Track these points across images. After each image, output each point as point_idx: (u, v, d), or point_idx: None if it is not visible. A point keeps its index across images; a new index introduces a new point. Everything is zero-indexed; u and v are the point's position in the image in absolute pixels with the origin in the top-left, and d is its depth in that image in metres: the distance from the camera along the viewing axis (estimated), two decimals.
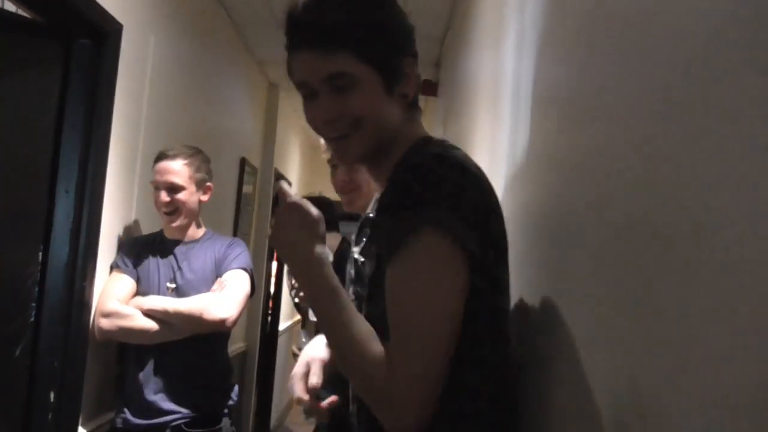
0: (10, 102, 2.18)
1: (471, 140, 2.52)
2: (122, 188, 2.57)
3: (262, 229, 5.24)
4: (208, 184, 2.32)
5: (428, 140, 1.04)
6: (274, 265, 5.99)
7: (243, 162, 4.59)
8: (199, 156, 2.31)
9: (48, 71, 2.25)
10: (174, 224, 2.28)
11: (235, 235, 4.36)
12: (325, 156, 1.85)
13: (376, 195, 1.14)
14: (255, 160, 5.09)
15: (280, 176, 5.78)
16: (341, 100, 0.97)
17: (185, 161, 2.24)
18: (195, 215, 2.32)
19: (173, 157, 2.23)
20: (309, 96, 1.01)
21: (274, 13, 3.78)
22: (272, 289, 6.06)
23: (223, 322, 2.14)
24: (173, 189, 2.22)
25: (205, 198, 2.32)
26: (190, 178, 2.24)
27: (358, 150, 1.01)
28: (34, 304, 2.15)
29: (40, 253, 2.19)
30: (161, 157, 2.25)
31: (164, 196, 2.22)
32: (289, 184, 6.40)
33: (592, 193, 0.86)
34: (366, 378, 0.88)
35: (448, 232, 0.88)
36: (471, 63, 2.73)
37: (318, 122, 1.01)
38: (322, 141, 1.21)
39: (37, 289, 2.16)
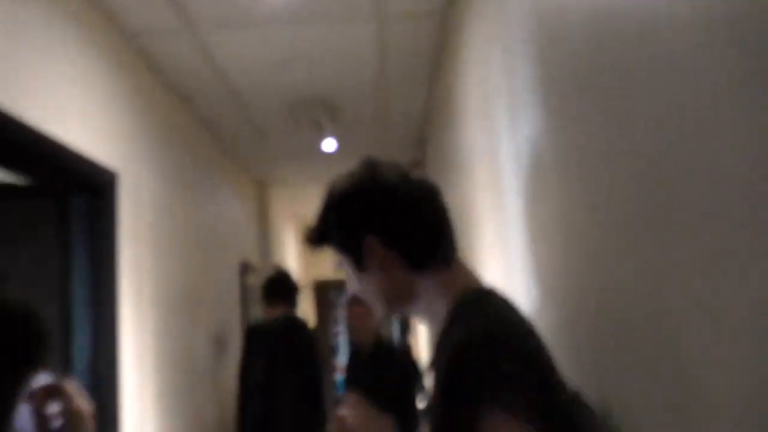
0: (15, 269, 2.18)
1: (471, 211, 2.53)
2: (135, 326, 2.56)
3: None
4: None
5: (472, 299, 1.04)
6: None
7: (243, 265, 4.63)
8: None
9: (47, 231, 2.26)
10: None
11: (248, 323, 4.32)
12: None
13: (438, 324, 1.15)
14: (253, 257, 5.11)
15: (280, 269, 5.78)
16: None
17: None
18: None
19: None
20: None
21: (251, 119, 3.86)
22: None
23: None
24: None
25: None
26: None
27: (377, 311, 1.18)
28: None
29: None
30: None
31: None
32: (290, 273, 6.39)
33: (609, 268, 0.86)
34: None
35: (516, 414, 0.89)
36: (460, 136, 2.76)
37: None
38: None
39: None
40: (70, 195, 2.29)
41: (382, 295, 1.13)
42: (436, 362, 1.03)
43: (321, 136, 3.86)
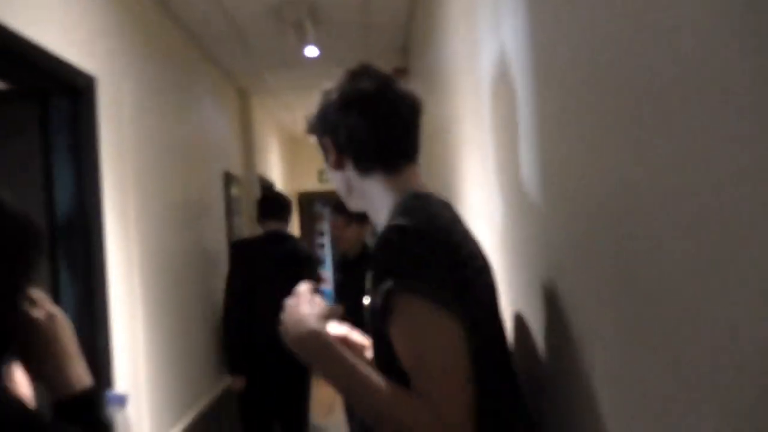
0: None
1: (454, 123, 2.51)
2: (119, 234, 2.59)
3: (255, 229, 5.36)
4: None
5: (407, 201, 1.13)
6: None
7: (227, 175, 4.62)
8: None
9: (29, 133, 2.24)
10: None
11: (230, 237, 4.49)
12: None
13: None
14: (237, 168, 5.09)
15: (265, 181, 5.75)
16: None
17: None
18: None
19: None
20: None
21: (233, 23, 3.75)
22: None
23: None
24: None
25: None
26: None
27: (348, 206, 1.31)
28: None
29: None
30: None
31: None
32: (273, 184, 6.40)
33: (597, 185, 0.87)
34: (413, 421, 0.97)
35: (421, 295, 1.00)
36: (443, 43, 2.71)
37: None
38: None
39: None
40: (50, 98, 2.24)
41: (340, 190, 1.26)
42: (372, 262, 1.12)
43: (304, 41, 3.77)
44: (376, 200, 1.20)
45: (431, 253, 1.02)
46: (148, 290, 2.88)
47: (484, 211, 1.91)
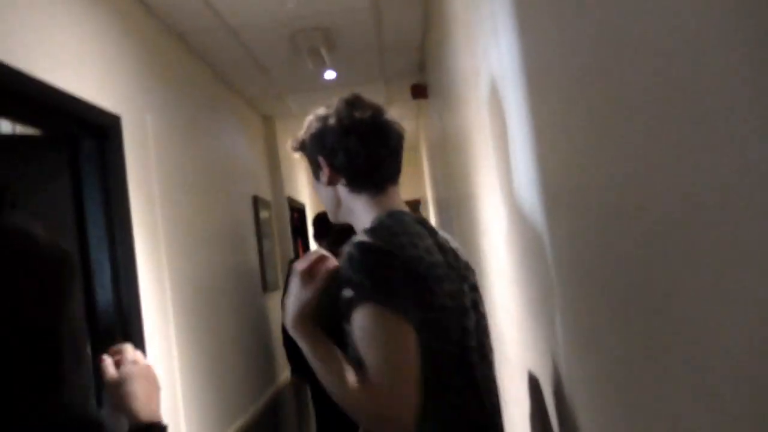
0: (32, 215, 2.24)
1: (468, 135, 2.52)
2: (151, 265, 2.65)
3: (286, 250, 5.51)
4: None
5: (381, 218, 1.29)
6: None
7: (255, 200, 4.70)
8: None
9: (59, 176, 2.31)
10: None
11: (261, 259, 4.63)
12: None
13: None
14: (265, 192, 5.17)
15: (294, 203, 5.83)
16: None
17: None
18: None
19: None
20: None
21: (250, 53, 3.82)
22: None
23: None
24: None
25: None
26: None
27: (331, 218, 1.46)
28: None
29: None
30: None
31: None
32: (303, 206, 6.46)
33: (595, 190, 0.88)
34: (359, 403, 1.14)
35: (376, 303, 1.15)
36: (453, 59, 2.73)
37: None
38: None
39: None
40: (79, 141, 2.32)
41: (327, 204, 1.41)
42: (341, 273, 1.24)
43: (321, 66, 3.83)
44: (362, 215, 1.35)
45: (388, 267, 1.17)
46: (181, 316, 2.94)
47: (495, 217, 1.94)
